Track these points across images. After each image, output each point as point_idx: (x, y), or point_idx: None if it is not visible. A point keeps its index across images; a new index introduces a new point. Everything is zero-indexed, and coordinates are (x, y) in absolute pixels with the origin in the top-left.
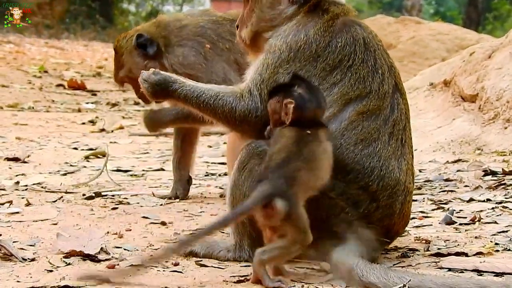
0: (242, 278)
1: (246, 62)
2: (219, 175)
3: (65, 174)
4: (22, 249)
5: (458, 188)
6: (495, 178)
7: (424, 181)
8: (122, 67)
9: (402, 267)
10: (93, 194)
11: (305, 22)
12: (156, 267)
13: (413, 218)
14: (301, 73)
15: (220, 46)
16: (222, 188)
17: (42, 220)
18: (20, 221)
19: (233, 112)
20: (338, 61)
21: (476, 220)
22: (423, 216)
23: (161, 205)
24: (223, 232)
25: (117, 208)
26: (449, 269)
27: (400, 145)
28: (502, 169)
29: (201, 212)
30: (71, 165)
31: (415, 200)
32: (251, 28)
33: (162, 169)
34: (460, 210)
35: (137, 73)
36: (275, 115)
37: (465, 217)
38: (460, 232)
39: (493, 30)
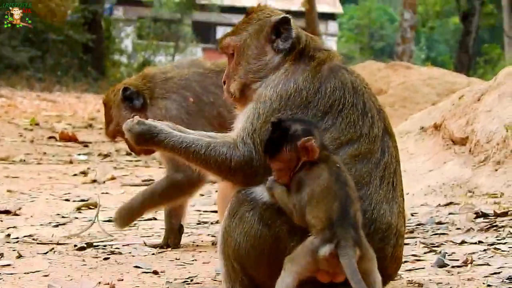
0: None
1: (231, 115)
2: (211, 223)
3: (56, 226)
4: None
5: (450, 231)
6: (487, 220)
7: (416, 225)
8: (111, 121)
9: None
10: (85, 245)
11: (293, 71)
12: None
13: (406, 261)
14: None
15: (204, 100)
16: (214, 236)
17: (33, 272)
18: (11, 274)
19: (228, 162)
20: (329, 106)
21: (468, 262)
22: (415, 260)
23: (153, 254)
24: (216, 280)
25: (108, 258)
26: None
27: (391, 188)
28: (494, 211)
29: (193, 260)
30: (62, 217)
31: (407, 244)
32: (239, 81)
33: (154, 219)
34: (453, 253)
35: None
36: (290, 164)
37: (458, 260)
38: (452, 274)
39: (484, 74)
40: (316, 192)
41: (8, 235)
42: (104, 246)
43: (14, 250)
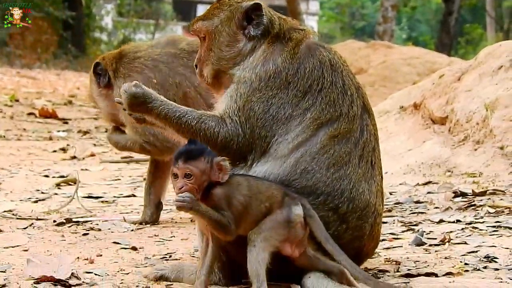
0: None
1: (198, 95)
2: None
3: (36, 202)
4: None
5: (428, 210)
6: (465, 199)
7: (395, 204)
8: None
9: None
10: (64, 221)
11: (271, 52)
12: None
13: (383, 240)
14: (275, 101)
15: (169, 82)
16: None
17: (12, 247)
18: None
19: (215, 136)
20: (308, 86)
21: (446, 241)
22: (393, 238)
23: (132, 230)
24: (194, 256)
25: (88, 234)
26: None
27: (370, 167)
28: (472, 190)
29: (171, 237)
30: (42, 193)
31: (385, 222)
32: (212, 67)
33: (133, 195)
34: (430, 232)
35: (95, 99)
36: (202, 176)
37: (435, 238)
38: (430, 253)
39: (465, 54)
40: (252, 188)
41: None
42: (84, 222)
43: None
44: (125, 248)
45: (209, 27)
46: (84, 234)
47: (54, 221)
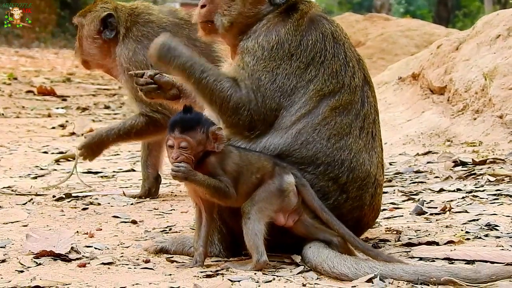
0: (212, 273)
1: None
2: None
3: (35, 178)
4: None
5: (428, 179)
6: (465, 168)
7: (395, 174)
8: (81, 43)
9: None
10: (63, 196)
11: (275, 22)
12: (127, 264)
13: (384, 209)
14: (279, 71)
15: None
16: None
17: (12, 222)
18: None
19: (228, 99)
20: (311, 58)
21: (446, 209)
22: (393, 208)
23: (132, 204)
24: (193, 229)
25: (87, 208)
26: (420, 258)
27: (370, 138)
28: (472, 159)
29: (171, 210)
30: (41, 169)
31: (386, 192)
32: (229, 19)
33: (133, 170)
34: (431, 201)
35: (85, 43)
36: (198, 146)
37: (436, 207)
38: (430, 222)
39: (463, 27)
40: (243, 158)
41: None
42: (83, 196)
43: None
44: (125, 222)
45: None
46: (84, 209)
47: (54, 196)
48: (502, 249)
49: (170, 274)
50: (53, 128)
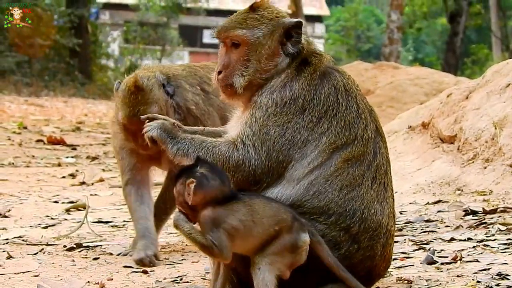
0: None
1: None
2: None
3: (46, 227)
4: None
5: (439, 228)
6: (476, 217)
7: (405, 223)
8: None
9: None
10: (74, 246)
11: (291, 78)
12: None
13: (395, 258)
14: (290, 125)
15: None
16: None
17: (23, 273)
18: (2, 274)
19: (227, 160)
20: (324, 111)
21: (457, 259)
22: (404, 257)
23: None
24: (205, 279)
25: (98, 258)
26: None
27: (382, 188)
28: (483, 208)
29: (182, 259)
30: (52, 218)
31: (397, 242)
32: (247, 78)
33: None
34: (442, 250)
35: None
36: (180, 197)
37: (447, 257)
38: (442, 271)
39: (471, 74)
40: (255, 213)
41: None
42: (94, 246)
43: (4, 251)
44: (136, 272)
45: (250, 37)
46: (95, 259)
47: (64, 246)
48: None
49: None
50: (63, 177)
